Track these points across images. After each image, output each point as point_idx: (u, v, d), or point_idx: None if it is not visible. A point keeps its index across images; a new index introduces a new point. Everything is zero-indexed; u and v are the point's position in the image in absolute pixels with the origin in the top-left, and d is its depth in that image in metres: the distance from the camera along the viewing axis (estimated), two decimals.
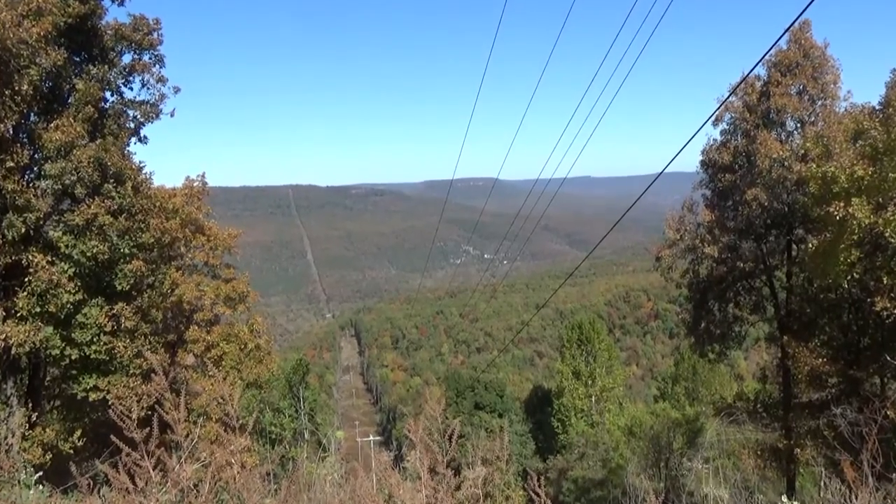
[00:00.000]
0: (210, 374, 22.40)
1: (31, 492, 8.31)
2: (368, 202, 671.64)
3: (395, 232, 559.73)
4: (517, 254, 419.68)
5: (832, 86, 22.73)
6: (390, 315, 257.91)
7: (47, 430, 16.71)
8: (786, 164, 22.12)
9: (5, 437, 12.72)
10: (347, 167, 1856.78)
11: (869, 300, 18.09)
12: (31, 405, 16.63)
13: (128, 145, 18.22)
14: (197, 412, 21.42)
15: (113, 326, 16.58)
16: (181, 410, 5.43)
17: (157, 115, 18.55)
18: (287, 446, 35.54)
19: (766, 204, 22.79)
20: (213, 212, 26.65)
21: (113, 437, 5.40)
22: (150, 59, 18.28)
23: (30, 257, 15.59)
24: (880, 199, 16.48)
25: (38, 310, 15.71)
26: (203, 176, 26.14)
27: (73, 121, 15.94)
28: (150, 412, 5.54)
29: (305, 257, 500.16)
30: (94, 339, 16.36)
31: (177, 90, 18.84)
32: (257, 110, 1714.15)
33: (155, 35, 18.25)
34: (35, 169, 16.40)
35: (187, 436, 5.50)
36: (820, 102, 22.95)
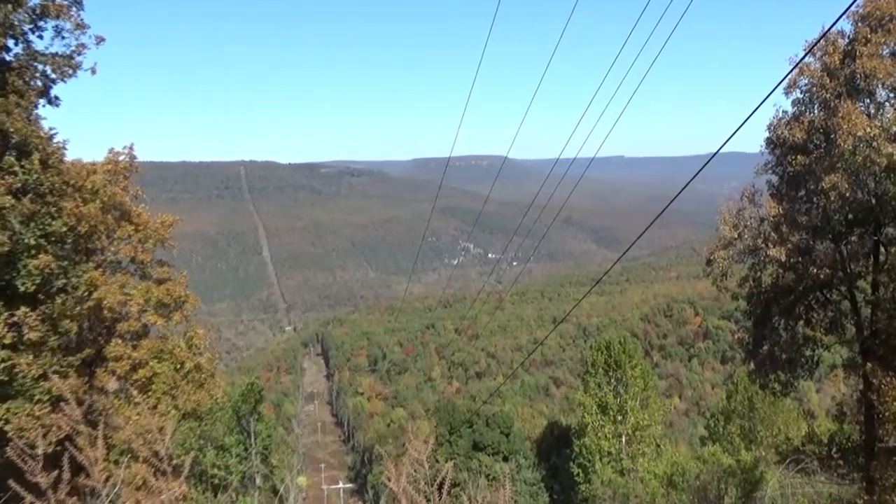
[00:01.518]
0: (136, 401, 22.31)
1: None
2: (342, 184, 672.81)
3: (376, 223, 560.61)
4: (530, 254, 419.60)
5: None
6: (367, 329, 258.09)
7: None
8: (874, 143, 21.99)
9: None
10: (316, 140, 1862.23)
11: None
12: None
13: (35, 108, 18.12)
14: (119, 450, 21.34)
15: (13, 338, 16.48)
16: (99, 447, 5.23)
17: (75, 71, 18.43)
18: (234, 494, 35.48)
19: (847, 194, 22.72)
20: (144, 194, 26.57)
21: (12, 483, 5.10)
22: None
23: None
24: None
25: None
26: (131, 148, 25.99)
27: None
28: (59, 449, 5.37)
29: (260, 253, 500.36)
30: None
31: (100, 40, 18.75)
32: (202, 68, 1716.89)
33: None
34: None
35: (107, 479, 5.14)
36: None
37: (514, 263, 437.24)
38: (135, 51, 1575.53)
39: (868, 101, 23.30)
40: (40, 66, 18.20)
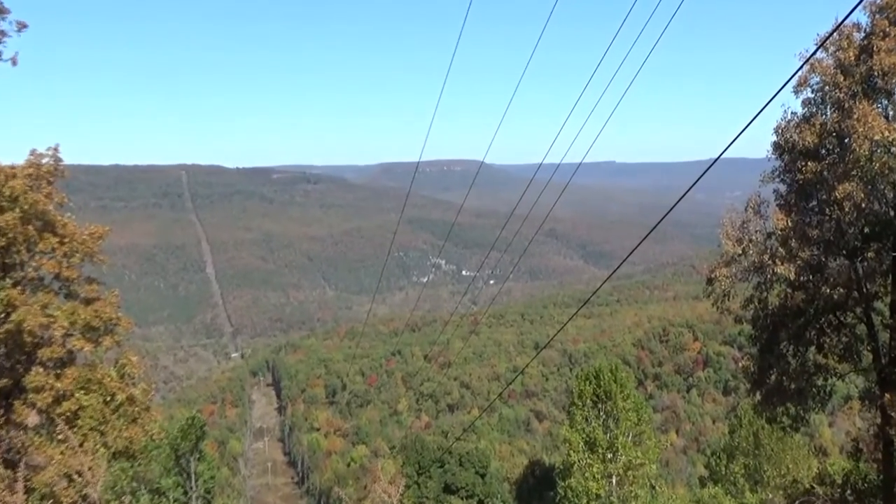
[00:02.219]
0: (60, 438, 22.01)
1: None
2: (297, 192, 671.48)
3: (335, 235, 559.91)
4: (510, 271, 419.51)
5: None
6: (325, 356, 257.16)
7: None
8: (893, 149, 22.14)
9: None
10: (268, 142, 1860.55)
11: None
12: None
13: None
14: (40, 493, 21.02)
15: None
16: (18, 492, 5.29)
17: None
18: None
19: (863, 205, 22.83)
20: (71, 201, 26.24)
21: None
22: None
23: None
24: None
25: None
26: (56, 149, 25.62)
27: None
28: None
29: (204, 270, 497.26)
30: None
31: (22, 27, 18.58)
32: (140, 63, 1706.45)
33: None
34: None
35: None
36: None
37: (492, 282, 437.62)
38: (64, 45, 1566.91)
39: (886, 101, 23.40)
40: None
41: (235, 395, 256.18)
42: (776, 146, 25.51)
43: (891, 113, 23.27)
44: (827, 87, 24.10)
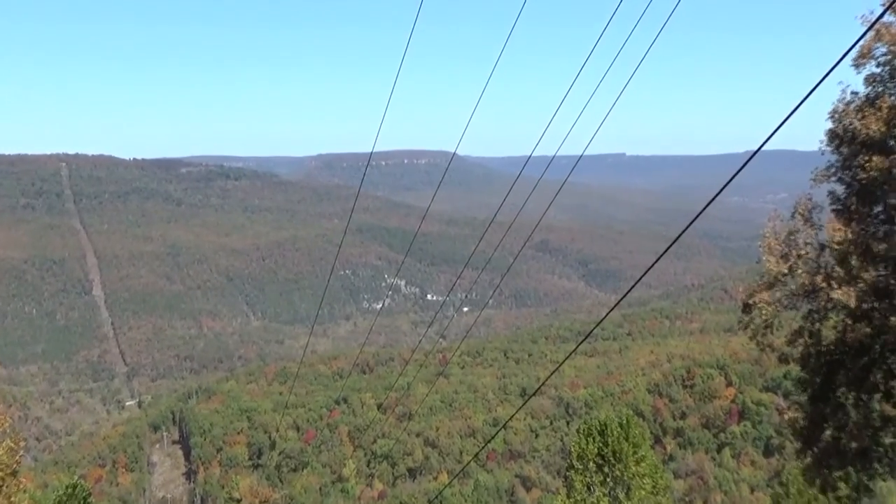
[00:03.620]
0: None
1: None
2: (212, 190, 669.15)
3: (262, 248, 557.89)
4: (489, 294, 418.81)
5: None
6: (248, 404, 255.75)
7: None
8: None
9: None
10: (175, 128, 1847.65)
11: None
12: None
13: None
14: None
15: None
16: None
17: None
18: None
19: None
20: None
21: None
22: None
23: None
24: None
25: None
26: None
27: None
28: None
29: (89, 292, 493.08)
30: None
31: None
32: (6, 33, 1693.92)
33: None
34: None
35: None
36: None
37: (466, 309, 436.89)
38: None
39: None
40: None
41: (131, 455, 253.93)
42: (832, 135, 25.43)
43: None
44: None
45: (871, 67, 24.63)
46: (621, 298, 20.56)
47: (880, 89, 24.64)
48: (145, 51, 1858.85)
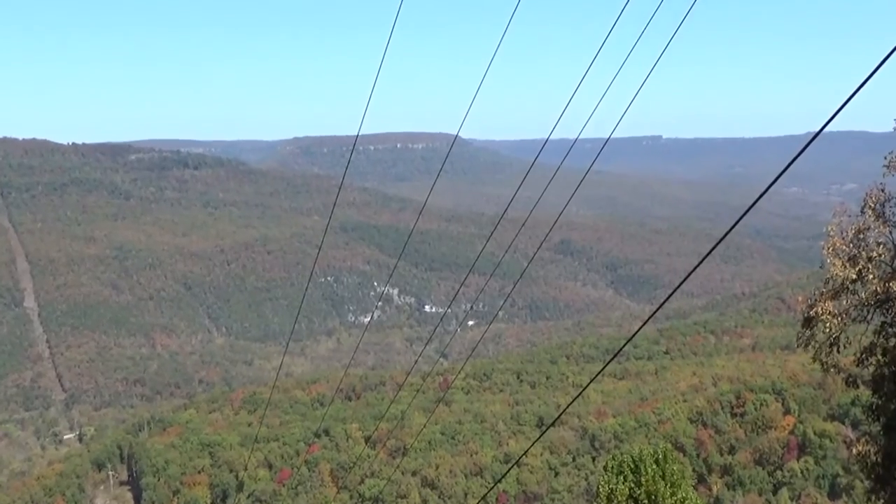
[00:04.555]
0: None
1: None
2: (168, 181, 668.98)
3: (227, 250, 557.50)
4: (499, 305, 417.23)
5: None
6: (210, 437, 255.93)
7: None
8: None
9: None
10: (123, 108, 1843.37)
11: None
12: None
13: None
14: None
15: None
16: None
17: None
18: None
19: None
20: None
21: None
22: None
23: None
24: None
25: None
26: None
27: None
28: None
29: (20, 304, 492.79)
30: None
31: None
32: None
33: None
34: None
35: None
36: None
37: (471, 323, 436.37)
38: None
39: None
40: None
41: (70, 499, 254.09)
42: None
43: None
44: None
45: None
46: (657, 309, 20.49)
47: None
48: (85, 16, 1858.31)
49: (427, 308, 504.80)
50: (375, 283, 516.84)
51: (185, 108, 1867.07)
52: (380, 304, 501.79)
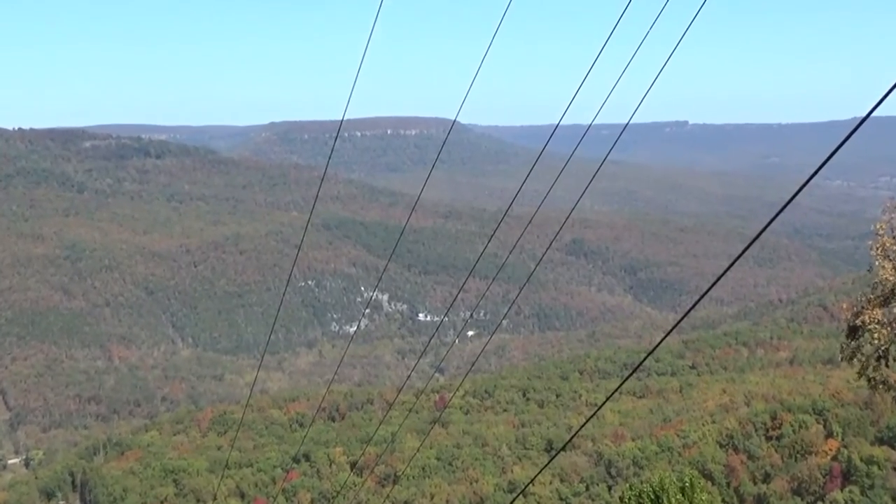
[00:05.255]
0: None
1: None
2: (126, 171, 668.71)
3: (194, 250, 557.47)
4: (503, 313, 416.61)
5: None
6: (174, 463, 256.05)
7: None
8: None
9: None
10: (78, 89, 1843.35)
11: None
12: None
13: None
14: None
15: None
16: None
17: None
18: None
19: None
20: None
21: None
22: None
23: None
24: None
25: None
26: None
27: None
28: None
29: None
30: None
31: None
32: None
33: None
34: None
35: None
36: None
37: (471, 333, 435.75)
38: None
39: None
40: None
41: None
42: None
43: None
44: None
45: None
46: (682, 318, 20.65)
47: None
48: None
49: (421, 316, 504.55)
50: (363, 288, 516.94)
51: (146, 90, 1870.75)
52: (367, 311, 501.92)
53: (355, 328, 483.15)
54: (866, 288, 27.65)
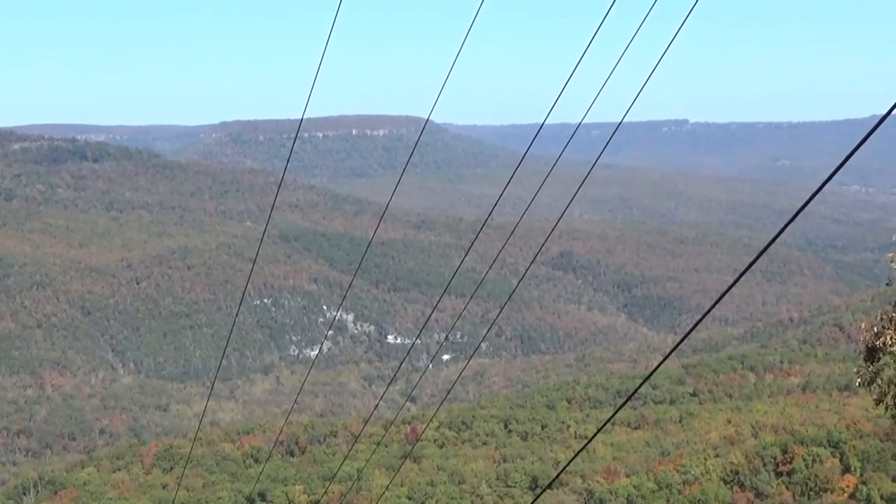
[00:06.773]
0: None
1: None
2: (60, 177, 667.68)
3: (136, 265, 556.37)
4: (481, 335, 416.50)
5: None
6: (115, 503, 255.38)
7: None
8: None
9: None
10: (2, 85, 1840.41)
11: None
12: None
13: None
14: None
15: None
16: None
17: None
18: None
19: None
20: None
21: None
22: None
23: None
24: None
25: None
26: None
27: None
28: None
29: None
30: None
31: None
32: None
33: None
34: None
35: None
36: None
37: (446, 357, 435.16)
38: None
39: None
40: None
41: None
42: None
43: None
44: None
45: None
46: (682, 340, 20.69)
47: None
48: None
49: (390, 338, 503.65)
50: (325, 307, 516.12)
51: (82, 85, 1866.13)
52: (330, 333, 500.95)
53: (317, 352, 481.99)
54: (887, 305, 27.69)
